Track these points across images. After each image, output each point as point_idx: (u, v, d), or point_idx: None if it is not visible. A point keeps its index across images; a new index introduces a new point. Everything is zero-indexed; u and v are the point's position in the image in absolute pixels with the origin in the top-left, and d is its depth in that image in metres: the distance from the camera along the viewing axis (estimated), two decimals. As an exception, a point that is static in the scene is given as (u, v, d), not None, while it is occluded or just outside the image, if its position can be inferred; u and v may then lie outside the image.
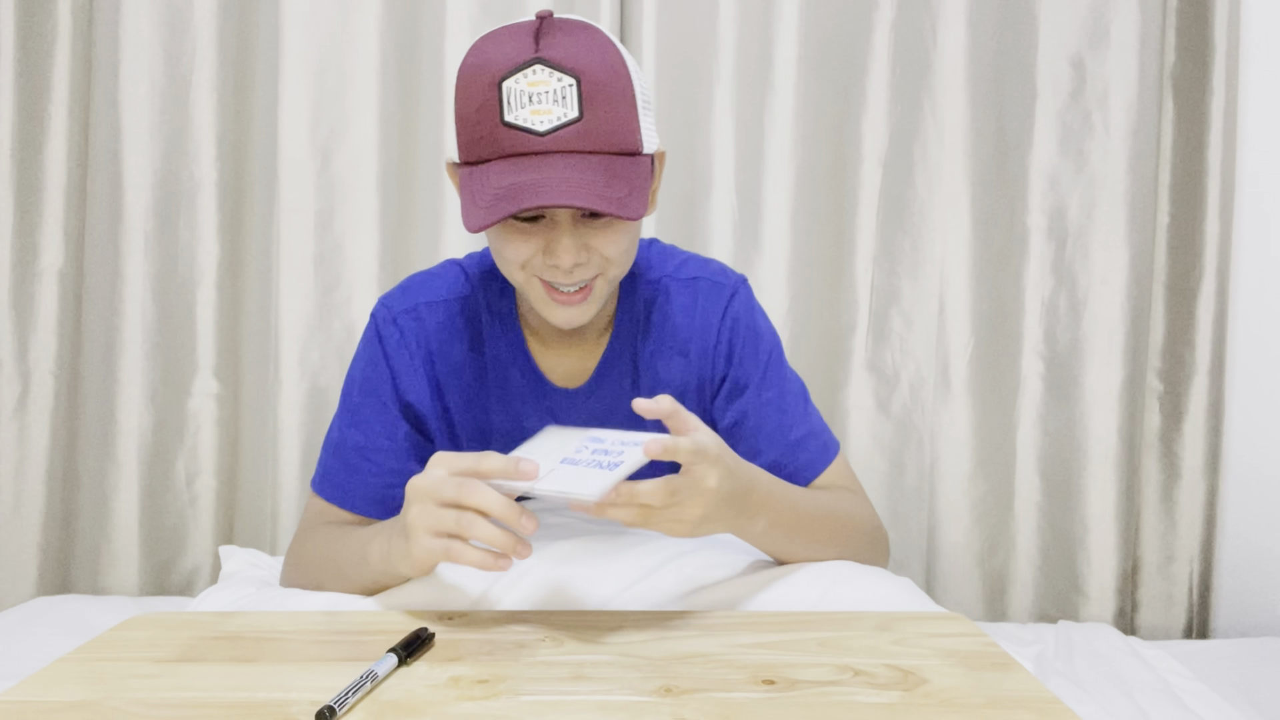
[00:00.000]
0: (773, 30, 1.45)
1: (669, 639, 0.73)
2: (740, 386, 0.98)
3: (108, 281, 1.45)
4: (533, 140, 0.78)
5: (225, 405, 1.50)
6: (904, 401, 1.49)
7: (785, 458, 0.96)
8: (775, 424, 0.97)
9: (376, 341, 0.96)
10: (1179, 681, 1.10)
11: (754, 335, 0.99)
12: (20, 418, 1.45)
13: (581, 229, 0.83)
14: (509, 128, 0.78)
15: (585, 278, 0.85)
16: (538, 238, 0.83)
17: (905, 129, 1.46)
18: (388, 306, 0.97)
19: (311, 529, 0.95)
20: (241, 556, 1.14)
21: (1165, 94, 1.47)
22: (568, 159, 0.78)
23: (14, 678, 0.68)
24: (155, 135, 1.45)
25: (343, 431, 0.96)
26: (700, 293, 0.99)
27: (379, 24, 1.44)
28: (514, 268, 0.86)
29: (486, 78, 0.79)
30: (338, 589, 0.86)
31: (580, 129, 0.78)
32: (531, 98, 0.77)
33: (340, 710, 0.58)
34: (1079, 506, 1.47)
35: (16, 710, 0.60)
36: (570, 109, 0.78)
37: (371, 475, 0.94)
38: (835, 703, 0.61)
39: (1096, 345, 1.45)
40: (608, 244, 0.84)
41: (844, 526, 0.92)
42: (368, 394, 0.96)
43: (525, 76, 0.78)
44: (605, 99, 0.79)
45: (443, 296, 0.97)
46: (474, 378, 0.97)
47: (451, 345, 0.96)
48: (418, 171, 1.48)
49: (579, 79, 0.78)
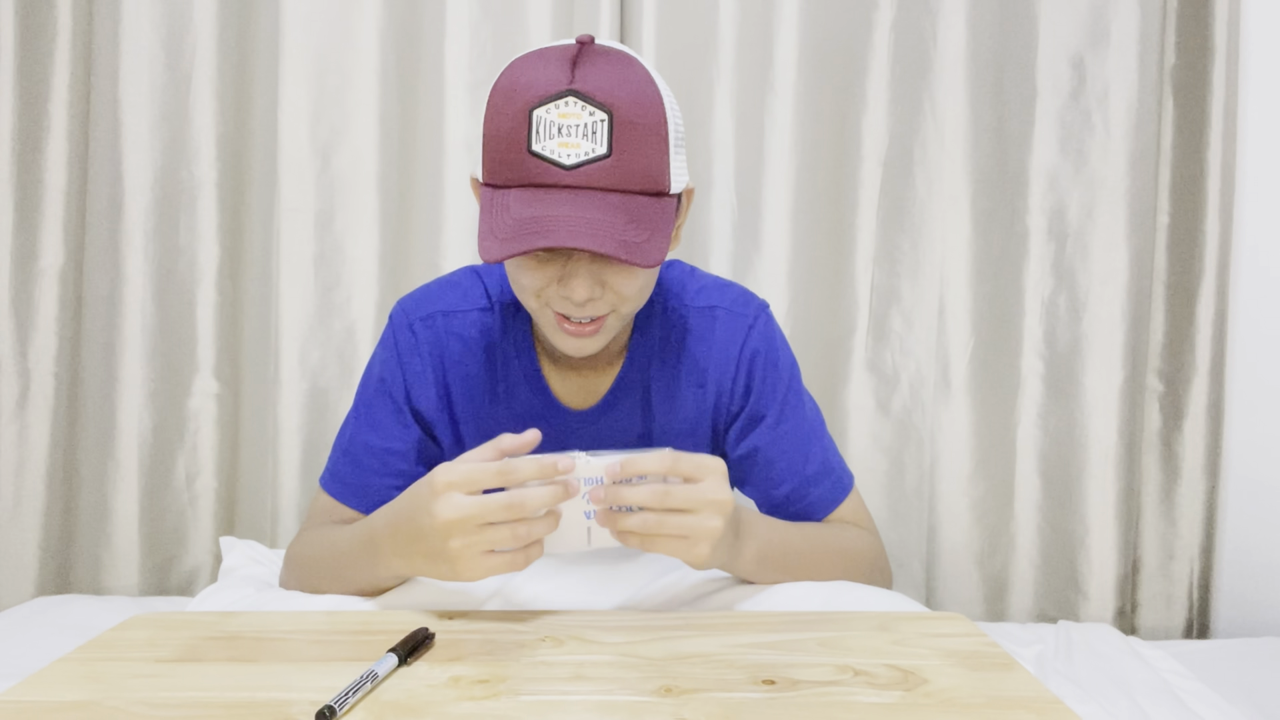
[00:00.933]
0: (773, 30, 1.45)
1: (669, 639, 0.73)
2: (756, 418, 0.98)
3: (108, 281, 1.45)
4: (558, 173, 0.77)
5: (225, 405, 1.50)
6: (904, 401, 1.49)
7: (799, 492, 0.96)
8: (791, 458, 0.97)
9: (393, 345, 0.97)
10: (1179, 681, 1.10)
11: (773, 368, 0.98)
12: (20, 418, 1.45)
13: (599, 266, 0.82)
14: (535, 157, 0.77)
15: (598, 313, 0.84)
16: (554, 268, 0.82)
17: (905, 129, 1.46)
18: (406, 311, 0.97)
19: (314, 528, 0.95)
20: (242, 550, 1.13)
21: (1165, 94, 1.47)
22: (591, 196, 0.77)
23: (14, 678, 0.68)
24: (155, 135, 1.45)
25: (355, 430, 0.96)
26: (718, 323, 0.98)
27: (379, 24, 1.44)
28: (528, 295, 0.85)
29: (519, 103, 0.77)
30: (335, 590, 0.86)
31: (607, 166, 0.77)
32: (561, 130, 0.76)
33: (340, 710, 0.58)
34: (1079, 506, 1.46)
35: (16, 710, 0.60)
36: (599, 145, 0.76)
37: (380, 475, 0.94)
38: (835, 703, 0.61)
39: (1096, 345, 1.45)
40: (623, 284, 0.83)
41: (841, 561, 0.92)
42: (382, 395, 0.96)
43: (557, 107, 0.76)
44: (636, 137, 0.78)
45: (461, 308, 0.97)
46: (484, 391, 0.97)
47: (465, 357, 0.96)
48: (418, 171, 1.48)
49: (611, 115, 0.77)
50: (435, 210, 1.46)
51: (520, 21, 1.45)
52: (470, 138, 1.45)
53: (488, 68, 1.45)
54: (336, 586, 0.86)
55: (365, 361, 1.45)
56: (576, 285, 0.81)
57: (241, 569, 1.08)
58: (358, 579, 0.84)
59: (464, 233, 1.46)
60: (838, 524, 0.97)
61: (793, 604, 0.84)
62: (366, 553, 0.83)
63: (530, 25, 1.45)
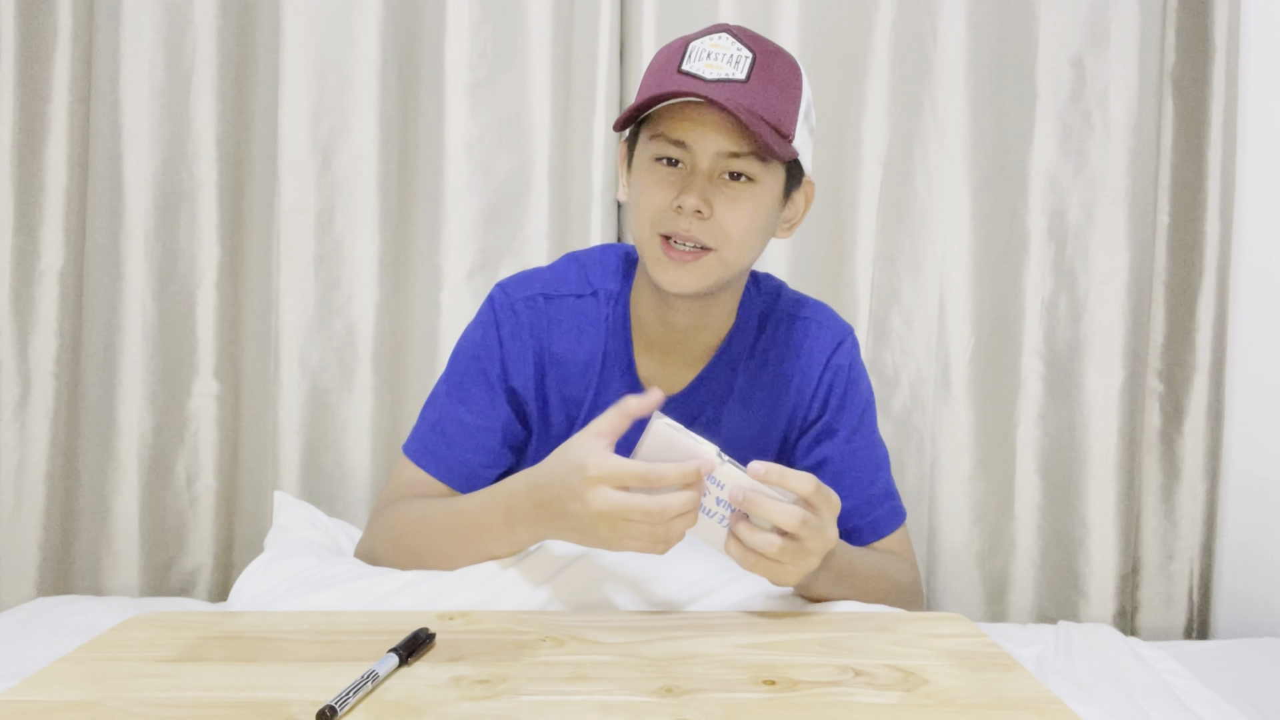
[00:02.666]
0: (772, 30, 1.45)
1: (669, 639, 0.73)
2: (830, 430, 1.01)
3: (108, 281, 1.45)
4: (698, 84, 0.84)
5: (225, 405, 1.50)
6: (904, 401, 1.49)
7: (862, 508, 0.99)
8: (858, 475, 1.00)
9: (493, 324, 0.99)
10: (1179, 682, 1.10)
11: (854, 386, 1.02)
12: (20, 418, 1.45)
13: (717, 187, 0.87)
14: (682, 74, 0.86)
15: (702, 239, 0.88)
16: (676, 186, 0.88)
17: (905, 129, 1.46)
18: (507, 292, 1.00)
19: (402, 499, 0.96)
20: (297, 511, 1.12)
21: (1165, 94, 1.47)
22: (724, 100, 0.82)
23: (14, 678, 0.68)
24: (155, 135, 1.44)
25: (448, 406, 0.98)
26: (810, 333, 1.02)
27: (379, 24, 1.44)
28: (645, 219, 0.90)
29: (679, 42, 0.89)
30: (442, 563, 0.87)
31: (741, 88, 0.84)
32: (710, 55, 0.86)
33: (341, 710, 0.58)
34: (1079, 507, 1.46)
35: (16, 710, 0.60)
36: (740, 72, 0.85)
37: (471, 453, 0.96)
38: (835, 703, 0.61)
39: (1096, 345, 1.45)
40: (732, 212, 0.88)
41: (892, 590, 0.94)
42: (476, 373, 0.98)
43: (710, 40, 0.87)
44: (774, 80, 0.86)
45: (562, 292, 1.00)
46: (577, 373, 1.00)
47: (563, 339, 0.99)
48: (418, 171, 1.48)
49: (755, 55, 0.86)
50: (435, 210, 1.46)
51: (520, 21, 1.45)
52: (470, 138, 1.45)
53: (488, 68, 1.45)
54: (455, 554, 0.87)
55: (365, 361, 1.46)
56: (691, 194, 0.86)
57: (297, 530, 1.07)
58: (490, 546, 0.86)
59: (464, 233, 1.45)
60: (887, 553, 1.00)
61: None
62: (505, 521, 0.84)
63: (530, 25, 1.45)
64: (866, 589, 0.90)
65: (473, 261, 1.45)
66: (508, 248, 1.47)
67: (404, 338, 1.49)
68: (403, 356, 1.49)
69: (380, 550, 0.93)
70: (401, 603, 0.83)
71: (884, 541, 1.00)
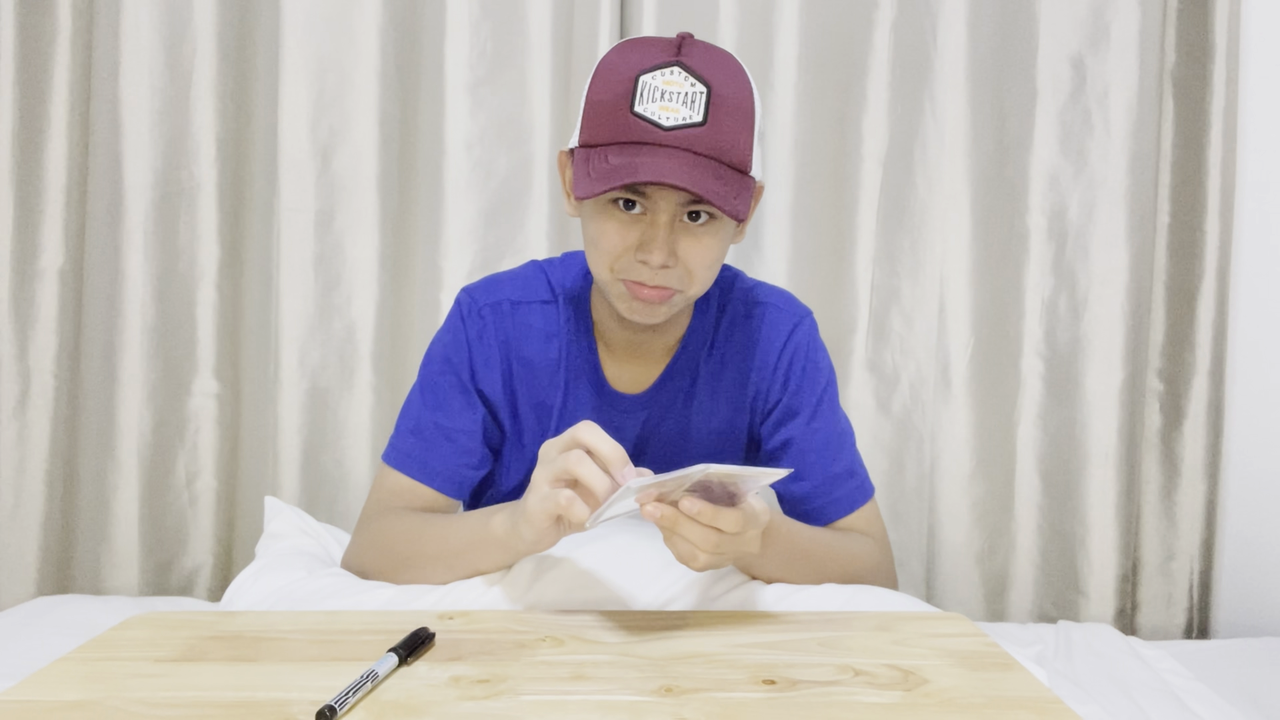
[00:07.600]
0: (773, 30, 1.45)
1: (669, 639, 0.73)
2: (792, 412, 1.02)
3: (108, 281, 1.45)
4: (655, 133, 0.82)
5: (225, 405, 1.50)
6: (904, 401, 1.49)
7: (822, 488, 0.99)
8: (820, 454, 1.00)
9: (461, 329, 1.00)
10: (1179, 681, 1.10)
11: (813, 366, 1.03)
12: (20, 418, 1.45)
13: (678, 232, 0.86)
14: (636, 117, 0.82)
15: (668, 284, 0.88)
16: (635, 231, 0.86)
17: (905, 129, 1.46)
18: (474, 297, 1.01)
19: (388, 509, 0.96)
20: (288, 517, 1.10)
21: (1165, 94, 1.47)
22: (684, 155, 0.82)
23: (14, 678, 0.68)
24: (155, 135, 1.45)
25: (424, 411, 0.98)
26: (766, 317, 1.03)
27: (379, 24, 1.44)
28: (605, 262, 0.89)
29: (626, 70, 0.84)
30: (424, 569, 0.87)
31: (701, 133, 0.82)
32: (664, 95, 0.83)
33: (341, 710, 0.58)
34: (1079, 506, 1.47)
35: (16, 710, 0.60)
36: (696, 113, 0.82)
37: (452, 455, 0.97)
38: (835, 703, 0.61)
39: (1096, 345, 1.45)
40: (696, 253, 0.87)
41: (846, 567, 0.94)
42: (448, 376, 0.99)
43: (662, 75, 0.83)
44: (729, 113, 0.84)
45: (527, 298, 1.01)
46: (545, 376, 1.01)
47: (529, 344, 1.00)
48: (418, 171, 1.48)
49: (710, 89, 0.83)
50: (435, 210, 1.46)
51: (520, 21, 1.45)
52: (470, 137, 1.45)
53: (488, 68, 1.45)
54: (431, 564, 0.87)
55: (365, 361, 1.46)
56: (657, 246, 0.85)
57: (288, 538, 1.06)
58: (477, 560, 0.86)
59: (464, 233, 1.46)
60: (846, 531, 0.99)
61: (810, 605, 0.84)
62: (489, 523, 0.85)
63: (530, 25, 1.45)
64: (824, 570, 0.90)
65: (473, 261, 1.45)
66: (508, 247, 1.47)
67: (404, 337, 1.49)
68: (403, 356, 1.49)
69: (368, 563, 0.93)
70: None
71: (848, 519, 1.00)
